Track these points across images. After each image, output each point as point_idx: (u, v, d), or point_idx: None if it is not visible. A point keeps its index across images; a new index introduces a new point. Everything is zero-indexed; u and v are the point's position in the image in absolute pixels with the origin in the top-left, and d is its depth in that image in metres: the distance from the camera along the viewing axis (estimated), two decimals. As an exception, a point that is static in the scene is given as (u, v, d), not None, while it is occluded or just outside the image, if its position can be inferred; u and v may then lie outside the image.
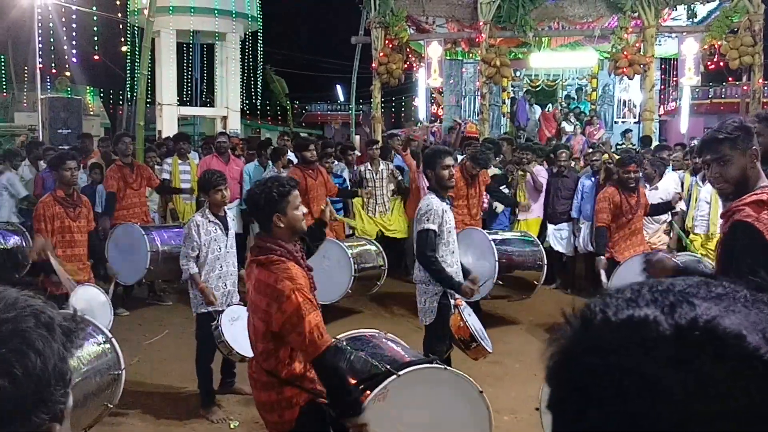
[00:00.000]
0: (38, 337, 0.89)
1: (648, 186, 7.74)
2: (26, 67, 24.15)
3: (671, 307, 0.66)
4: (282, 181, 3.43)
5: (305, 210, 3.48)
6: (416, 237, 4.84)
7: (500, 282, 6.96)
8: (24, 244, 7.24)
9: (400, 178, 9.58)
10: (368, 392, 3.29)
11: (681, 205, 7.91)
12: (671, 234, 8.13)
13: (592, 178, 8.66)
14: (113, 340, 4.43)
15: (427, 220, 4.75)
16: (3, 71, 26.16)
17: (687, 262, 5.95)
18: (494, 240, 7.13)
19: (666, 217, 7.89)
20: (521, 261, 7.38)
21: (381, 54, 13.18)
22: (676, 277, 0.74)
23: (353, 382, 3.42)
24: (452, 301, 4.79)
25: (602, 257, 6.75)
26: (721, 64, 13.19)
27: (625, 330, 0.66)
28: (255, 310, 3.29)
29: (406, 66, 13.85)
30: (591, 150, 9.86)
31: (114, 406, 4.45)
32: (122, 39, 20.95)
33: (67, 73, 24.26)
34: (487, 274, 6.16)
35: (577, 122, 16.34)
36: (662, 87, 19.45)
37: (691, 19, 13.23)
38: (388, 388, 3.28)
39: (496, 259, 6.79)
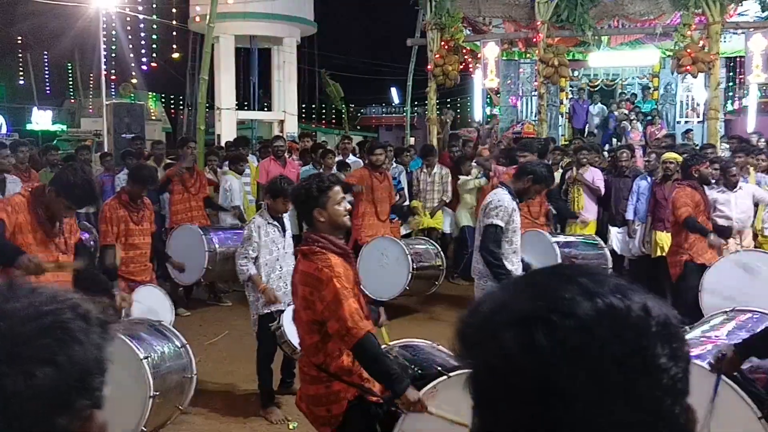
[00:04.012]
0: (77, 328, 0.93)
1: (727, 189, 7.30)
2: (92, 75, 24.94)
3: (624, 294, 0.79)
4: (322, 177, 3.51)
5: (348, 206, 3.51)
6: (481, 230, 4.83)
7: None
8: (94, 243, 7.47)
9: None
10: None
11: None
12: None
13: (648, 178, 8.40)
14: (188, 346, 4.79)
15: (495, 216, 4.76)
16: (70, 78, 27.10)
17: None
18: (557, 243, 7.00)
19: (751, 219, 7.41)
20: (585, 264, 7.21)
21: (437, 56, 13.11)
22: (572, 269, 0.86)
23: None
24: None
25: (710, 235, 6.29)
26: (791, 60, 12.68)
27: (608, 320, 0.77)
28: (301, 302, 3.32)
29: (462, 67, 13.73)
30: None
31: (183, 409, 4.66)
32: (180, 46, 21.44)
33: (134, 80, 24.94)
34: None
35: (637, 121, 16.02)
36: (727, 85, 18.87)
37: (766, 12, 12.73)
38: (438, 387, 3.27)
39: (559, 262, 6.65)
